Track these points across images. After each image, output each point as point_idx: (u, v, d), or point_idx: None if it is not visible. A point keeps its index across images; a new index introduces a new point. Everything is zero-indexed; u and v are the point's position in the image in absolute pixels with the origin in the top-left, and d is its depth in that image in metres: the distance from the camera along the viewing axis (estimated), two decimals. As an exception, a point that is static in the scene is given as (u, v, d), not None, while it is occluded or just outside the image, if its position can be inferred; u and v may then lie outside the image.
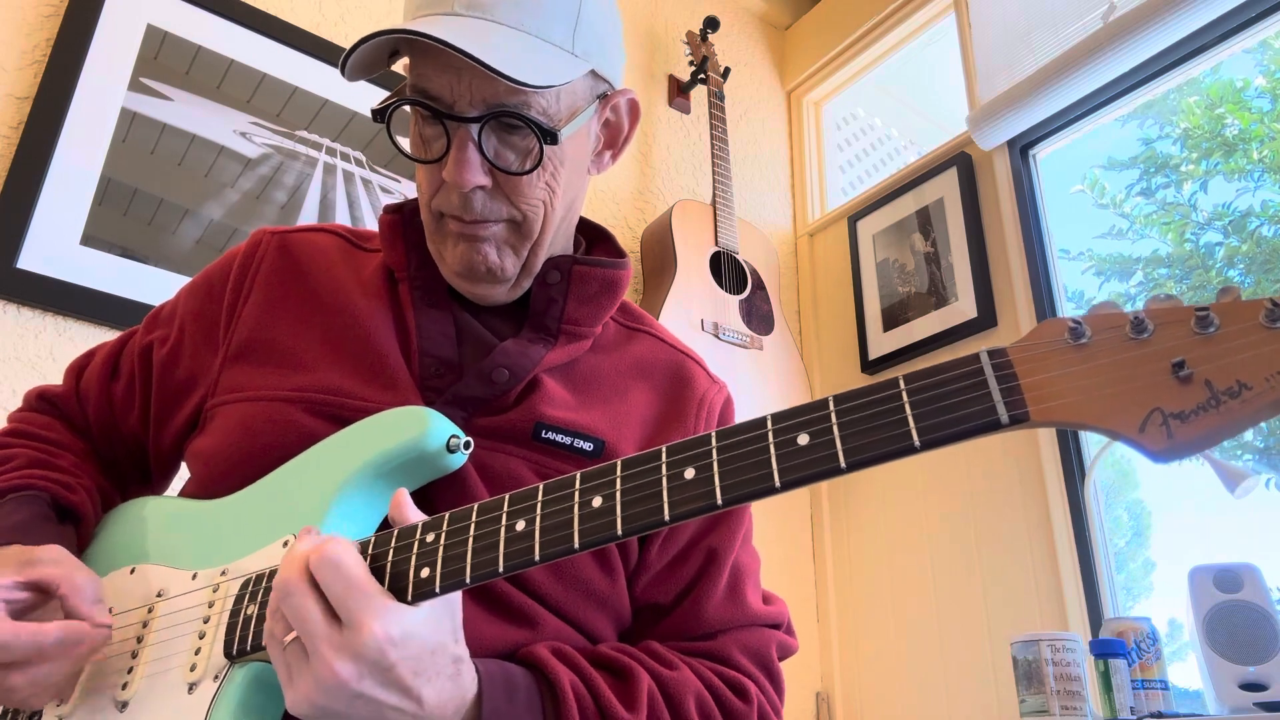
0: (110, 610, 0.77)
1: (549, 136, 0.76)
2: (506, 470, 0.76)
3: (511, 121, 0.75)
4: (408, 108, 0.78)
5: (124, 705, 0.71)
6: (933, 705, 2.08)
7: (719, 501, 0.53)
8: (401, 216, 0.87)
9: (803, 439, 0.51)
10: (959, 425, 0.48)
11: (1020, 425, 0.47)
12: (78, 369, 0.95)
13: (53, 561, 0.71)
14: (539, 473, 0.77)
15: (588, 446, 0.79)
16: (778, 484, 0.51)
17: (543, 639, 0.73)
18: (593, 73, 0.81)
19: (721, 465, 0.53)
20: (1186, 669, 1.67)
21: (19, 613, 0.70)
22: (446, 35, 0.70)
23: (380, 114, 0.78)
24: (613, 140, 0.89)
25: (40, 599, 0.71)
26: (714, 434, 0.55)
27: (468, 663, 0.63)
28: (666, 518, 0.54)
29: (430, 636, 0.59)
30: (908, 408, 0.49)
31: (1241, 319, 0.44)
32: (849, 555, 2.42)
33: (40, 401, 0.94)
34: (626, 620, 0.81)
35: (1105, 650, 1.50)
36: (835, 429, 0.51)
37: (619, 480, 0.56)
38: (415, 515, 0.64)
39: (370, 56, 0.76)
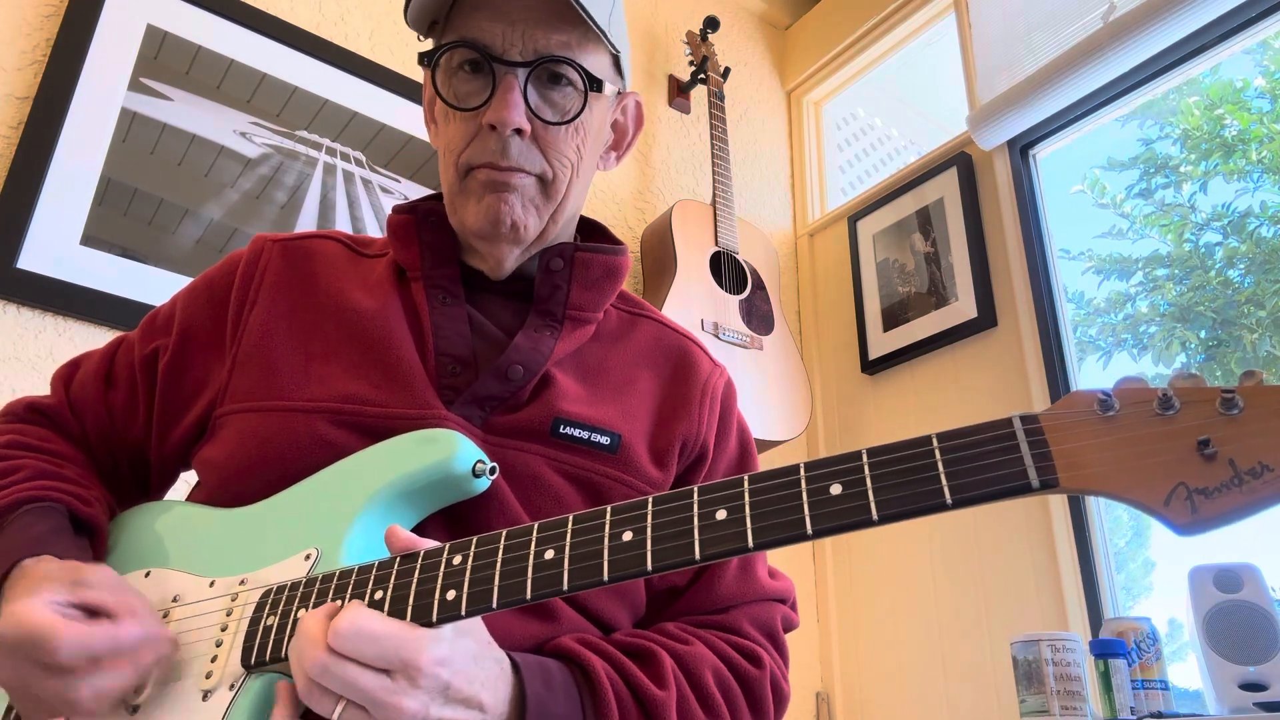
0: None
1: (595, 84, 0.80)
2: (527, 469, 0.77)
3: (558, 70, 0.80)
4: (451, 56, 0.81)
5: (135, 709, 0.70)
6: (933, 705, 2.08)
7: (750, 544, 0.53)
8: (415, 216, 0.88)
9: (835, 489, 0.52)
10: (991, 486, 0.48)
11: (1049, 490, 0.48)
12: (65, 379, 0.93)
13: (104, 585, 0.69)
14: (558, 470, 0.78)
15: (605, 440, 0.80)
16: (810, 531, 0.52)
17: (562, 633, 0.74)
18: (617, 62, 0.85)
19: (754, 509, 0.54)
20: (1186, 669, 1.67)
21: None
22: None
23: (428, 58, 0.82)
24: (619, 141, 0.94)
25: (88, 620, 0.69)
26: (746, 477, 0.55)
27: (506, 658, 0.65)
28: (697, 556, 0.54)
29: (469, 646, 0.62)
30: (940, 465, 0.50)
31: (1265, 403, 0.46)
32: (849, 555, 2.42)
33: (31, 413, 0.91)
34: (641, 611, 0.83)
35: (1105, 650, 1.51)
36: (868, 480, 0.51)
37: (650, 516, 0.57)
38: (418, 543, 0.65)
39: (431, 2, 0.80)
